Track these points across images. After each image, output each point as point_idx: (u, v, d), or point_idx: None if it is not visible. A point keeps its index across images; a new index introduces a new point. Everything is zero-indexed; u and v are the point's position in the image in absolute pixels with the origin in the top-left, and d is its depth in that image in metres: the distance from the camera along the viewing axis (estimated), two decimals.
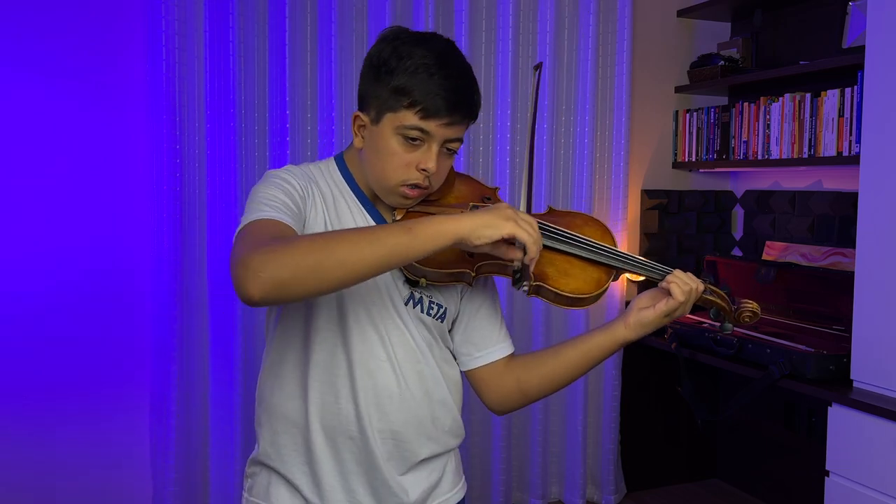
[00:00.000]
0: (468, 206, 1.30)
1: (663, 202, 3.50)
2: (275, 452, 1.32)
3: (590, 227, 1.36)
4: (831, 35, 3.01)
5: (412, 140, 1.22)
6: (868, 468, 2.30)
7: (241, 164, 2.76)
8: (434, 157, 1.23)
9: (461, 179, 1.38)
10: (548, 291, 1.28)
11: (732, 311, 1.38)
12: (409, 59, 1.20)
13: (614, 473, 3.37)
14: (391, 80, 1.20)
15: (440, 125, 1.21)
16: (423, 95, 1.19)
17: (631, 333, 1.33)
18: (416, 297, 1.30)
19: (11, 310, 2.58)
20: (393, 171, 1.23)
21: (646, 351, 3.43)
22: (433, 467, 1.36)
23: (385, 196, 1.28)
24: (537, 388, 1.38)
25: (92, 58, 2.63)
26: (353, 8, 2.84)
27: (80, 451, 2.69)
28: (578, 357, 1.35)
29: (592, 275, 1.30)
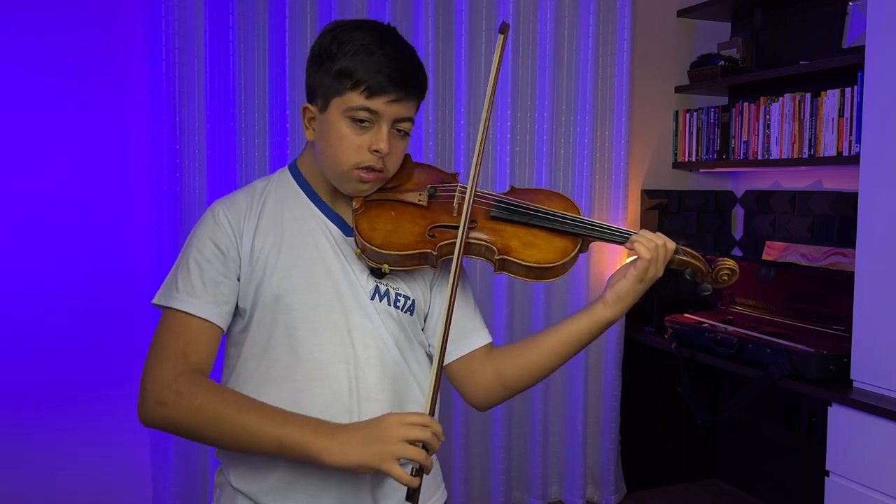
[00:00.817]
0: (425, 189, 1.30)
1: (663, 202, 3.50)
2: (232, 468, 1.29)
3: (553, 201, 1.36)
4: (831, 35, 3.01)
5: (360, 122, 1.22)
6: (868, 468, 2.30)
7: (241, 164, 2.76)
8: (385, 136, 1.23)
9: (420, 167, 1.38)
10: (512, 264, 1.27)
11: (709, 271, 1.35)
12: (349, 42, 1.21)
13: (614, 473, 3.37)
14: (333, 65, 1.21)
15: (386, 102, 1.21)
16: (366, 74, 1.20)
17: (610, 310, 1.29)
18: (382, 290, 1.28)
19: (11, 310, 2.58)
20: (345, 155, 1.23)
21: (646, 351, 3.43)
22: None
23: (341, 184, 1.27)
24: (518, 378, 1.33)
25: (92, 58, 2.63)
26: (353, 8, 2.84)
27: (80, 450, 2.69)
28: (559, 343, 1.31)
29: (557, 244, 1.30)
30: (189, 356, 1.21)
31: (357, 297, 1.27)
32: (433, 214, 1.30)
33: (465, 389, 1.37)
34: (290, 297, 1.25)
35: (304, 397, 1.24)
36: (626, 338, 3.37)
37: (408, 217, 1.29)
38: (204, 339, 1.23)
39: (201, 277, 1.24)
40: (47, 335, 2.63)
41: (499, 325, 3.09)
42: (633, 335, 3.38)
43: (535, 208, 1.31)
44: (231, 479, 1.29)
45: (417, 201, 1.30)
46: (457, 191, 1.33)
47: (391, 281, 1.29)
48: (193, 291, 1.23)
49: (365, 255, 1.26)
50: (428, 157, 2.96)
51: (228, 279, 1.26)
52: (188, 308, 1.23)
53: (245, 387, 1.27)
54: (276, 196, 1.31)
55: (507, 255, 1.27)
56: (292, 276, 1.25)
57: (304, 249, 1.27)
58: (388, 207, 1.30)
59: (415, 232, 1.26)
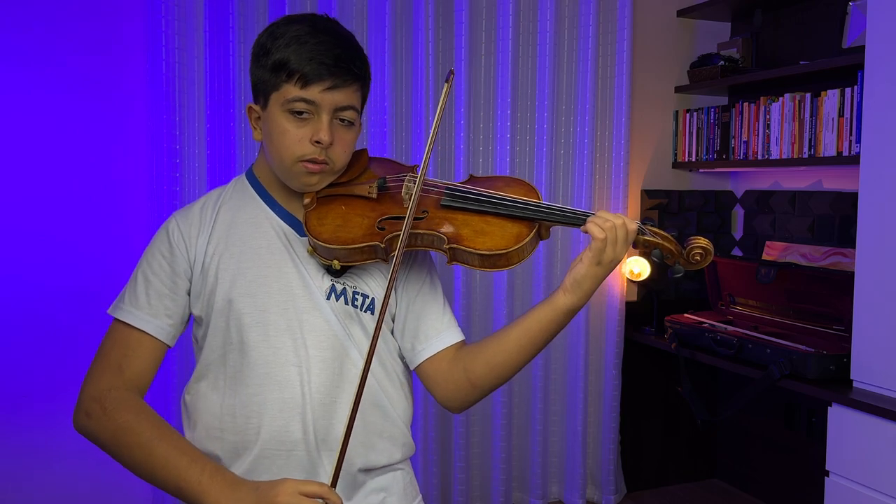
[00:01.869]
0: (375, 182, 1.28)
1: (663, 202, 3.50)
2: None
3: (512, 187, 1.29)
4: (831, 35, 3.01)
5: (299, 114, 1.20)
6: (868, 468, 2.30)
7: (241, 164, 2.76)
8: (326, 127, 1.20)
9: (377, 161, 1.35)
10: (464, 252, 1.21)
11: (680, 251, 1.24)
12: (283, 36, 1.20)
13: (614, 473, 3.37)
14: (268, 59, 1.20)
15: (323, 91, 1.19)
16: (299, 63, 1.18)
17: (570, 296, 1.20)
18: (339, 289, 1.25)
19: (11, 310, 2.58)
20: (287, 149, 1.21)
21: (646, 351, 3.43)
22: (371, 487, 1.27)
23: (289, 180, 1.25)
24: (485, 376, 1.26)
25: (92, 58, 2.63)
26: (352, 8, 2.84)
27: (79, 450, 2.69)
28: (523, 335, 1.23)
29: (511, 230, 1.22)
30: (125, 369, 1.23)
31: (311, 297, 1.24)
32: (383, 207, 1.26)
33: (436, 390, 1.31)
34: (240, 301, 1.24)
35: (257, 403, 1.23)
36: (626, 338, 3.37)
37: (357, 210, 1.26)
38: (142, 352, 1.25)
39: (146, 291, 1.26)
40: (47, 335, 2.63)
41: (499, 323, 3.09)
42: (633, 335, 3.38)
43: (486, 194, 1.25)
44: None
45: (367, 194, 1.27)
46: (405, 180, 1.29)
47: (348, 279, 1.26)
48: (137, 304, 1.25)
49: (316, 252, 1.23)
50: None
51: (175, 294, 1.26)
52: (130, 320, 1.25)
53: (213, 393, 1.26)
54: (231, 203, 1.31)
55: (458, 243, 1.21)
56: (243, 279, 1.24)
57: (257, 252, 1.26)
58: (339, 202, 1.27)
59: (363, 225, 1.23)
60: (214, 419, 1.25)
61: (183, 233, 1.28)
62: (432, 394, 1.32)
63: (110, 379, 1.22)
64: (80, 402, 1.22)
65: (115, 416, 1.18)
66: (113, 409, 1.18)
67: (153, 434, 1.17)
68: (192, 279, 1.27)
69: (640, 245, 1.25)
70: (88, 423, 1.20)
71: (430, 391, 1.32)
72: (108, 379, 1.22)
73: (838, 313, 2.75)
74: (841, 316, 2.72)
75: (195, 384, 1.29)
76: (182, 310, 1.28)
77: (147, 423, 1.18)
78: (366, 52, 1.28)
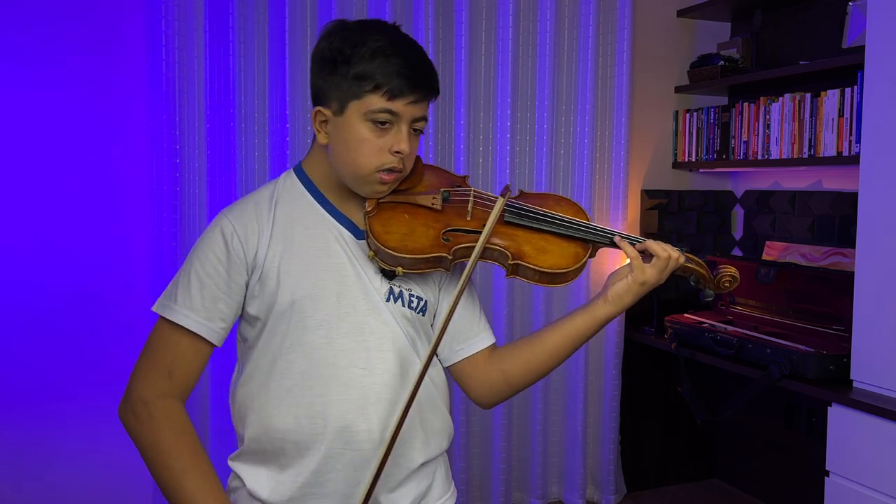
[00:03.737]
0: (439, 192, 1.31)
1: (663, 202, 3.50)
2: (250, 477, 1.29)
3: (562, 205, 1.37)
4: (831, 35, 3.01)
5: (381, 124, 1.21)
6: (868, 468, 2.30)
7: (241, 164, 2.76)
8: (405, 137, 1.23)
9: (430, 169, 1.39)
10: (526, 269, 1.29)
11: (712, 277, 1.39)
12: (363, 45, 1.21)
13: (614, 473, 3.37)
14: (349, 69, 1.20)
15: (406, 104, 1.22)
16: (386, 77, 1.20)
17: (611, 308, 1.32)
18: (396, 292, 1.28)
19: (11, 310, 2.58)
20: (366, 158, 1.22)
21: (646, 351, 3.43)
22: (423, 475, 1.33)
23: (360, 187, 1.27)
24: (522, 377, 1.35)
25: (92, 58, 2.63)
26: (353, 8, 2.84)
27: (80, 450, 2.69)
28: (560, 341, 1.33)
29: (569, 250, 1.32)
30: (174, 375, 1.25)
31: (371, 301, 1.27)
32: (447, 218, 1.30)
33: (470, 389, 1.38)
34: (303, 304, 1.24)
35: (322, 404, 1.24)
36: (626, 338, 3.37)
37: (421, 220, 1.29)
38: (192, 357, 1.26)
39: (201, 293, 1.24)
40: (46, 335, 2.63)
41: (499, 325, 3.09)
42: (633, 335, 3.38)
43: (548, 214, 1.33)
44: (248, 486, 1.29)
45: (431, 204, 1.30)
46: (470, 194, 1.33)
47: (403, 282, 1.30)
48: (191, 305, 1.24)
49: (378, 257, 1.25)
50: (428, 157, 2.96)
51: (229, 297, 1.26)
52: (183, 322, 1.24)
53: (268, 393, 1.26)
54: (285, 202, 1.30)
55: (521, 260, 1.29)
56: (306, 282, 1.25)
57: (317, 255, 1.27)
58: (402, 210, 1.29)
59: (429, 236, 1.26)
60: (273, 420, 1.26)
61: (240, 235, 1.26)
62: (466, 391, 1.40)
63: (160, 384, 1.24)
64: (129, 398, 1.25)
65: (157, 431, 1.22)
66: (158, 420, 1.23)
67: (188, 464, 1.22)
68: (250, 282, 1.27)
69: (680, 270, 1.37)
70: (133, 424, 1.24)
71: (464, 388, 1.40)
72: (158, 384, 1.24)
73: (838, 313, 2.75)
74: (841, 316, 2.72)
75: (247, 384, 1.29)
76: (235, 312, 1.28)
77: (185, 450, 1.23)
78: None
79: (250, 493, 1.29)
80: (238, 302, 1.27)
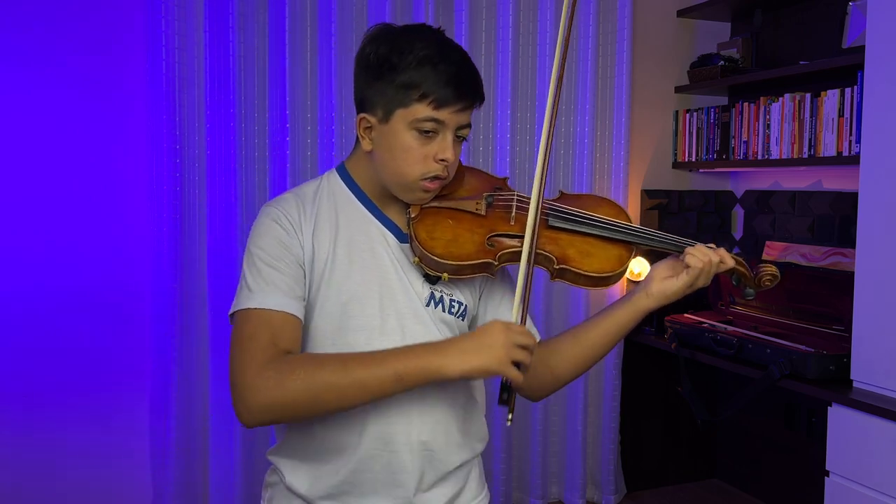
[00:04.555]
0: (482, 197, 1.30)
1: (663, 202, 3.50)
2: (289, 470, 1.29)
3: (604, 207, 1.36)
4: (831, 35, 3.01)
5: (426, 132, 1.21)
6: (868, 468, 2.30)
7: (241, 164, 2.76)
8: (450, 146, 1.23)
9: (470, 172, 1.38)
10: (571, 273, 1.29)
11: (752, 276, 1.38)
12: (410, 52, 1.19)
13: (614, 473, 3.37)
14: (396, 77, 1.19)
15: (453, 112, 1.21)
16: (433, 86, 1.19)
17: (653, 303, 1.34)
18: (437, 297, 1.28)
19: (11, 311, 2.58)
20: (411, 166, 1.22)
21: (646, 351, 3.43)
22: (458, 477, 1.33)
23: (404, 194, 1.26)
24: (569, 371, 1.37)
25: (92, 58, 2.63)
26: (353, 8, 2.84)
27: (80, 450, 2.69)
28: (602, 335, 1.35)
29: (613, 253, 1.31)
30: (278, 344, 1.17)
31: (412, 305, 1.26)
32: (491, 223, 1.29)
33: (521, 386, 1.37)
34: (349, 305, 1.24)
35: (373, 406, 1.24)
36: (626, 338, 3.37)
37: (465, 226, 1.28)
38: (290, 329, 1.20)
39: (272, 276, 1.21)
40: (47, 335, 2.62)
41: None
42: (633, 335, 3.37)
43: (591, 217, 1.32)
44: (286, 480, 1.29)
45: (475, 210, 1.29)
46: (514, 199, 1.32)
47: (445, 287, 1.29)
48: (268, 288, 1.20)
49: (423, 263, 1.24)
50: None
51: (298, 273, 1.24)
52: (267, 304, 1.19)
53: None
54: (329, 199, 1.30)
55: (566, 264, 1.28)
56: (351, 282, 1.25)
57: (361, 256, 1.26)
58: (446, 215, 1.28)
59: (474, 241, 1.25)
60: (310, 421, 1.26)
61: (290, 219, 1.25)
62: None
63: (266, 354, 1.15)
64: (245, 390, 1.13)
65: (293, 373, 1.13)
66: (287, 368, 1.13)
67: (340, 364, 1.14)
68: (304, 262, 1.25)
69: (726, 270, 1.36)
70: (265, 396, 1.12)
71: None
72: (264, 355, 1.15)
73: (838, 313, 2.75)
74: (841, 316, 2.72)
75: None
76: (305, 289, 1.25)
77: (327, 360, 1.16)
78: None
79: (288, 488, 1.29)
80: (303, 279, 1.25)
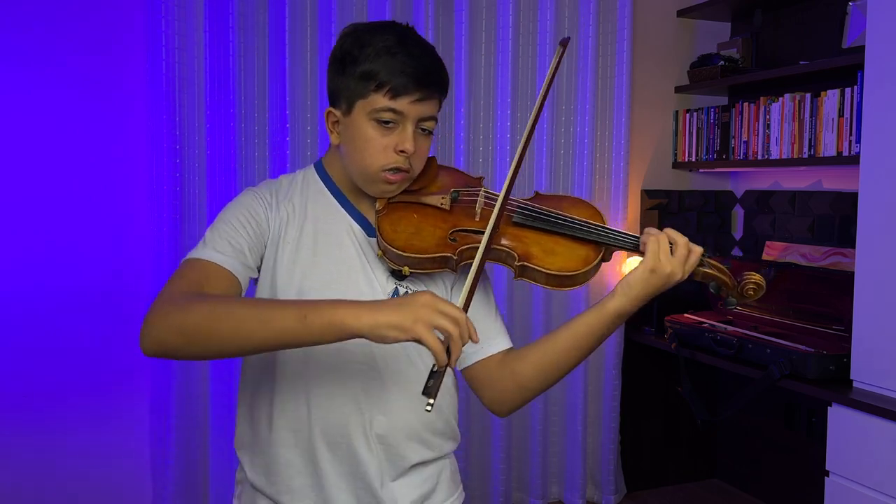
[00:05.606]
0: (448, 193, 1.30)
1: (663, 202, 3.50)
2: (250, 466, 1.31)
3: (578, 208, 1.34)
4: (831, 35, 3.01)
5: (386, 123, 1.22)
6: (868, 468, 2.30)
7: (241, 164, 2.76)
8: (410, 136, 1.23)
9: (445, 170, 1.38)
10: (532, 271, 1.26)
11: (735, 284, 1.31)
12: (370, 45, 1.21)
13: (614, 473, 3.37)
14: (356, 68, 1.21)
15: (411, 102, 1.21)
16: (389, 75, 1.20)
17: (619, 300, 1.23)
18: (401, 293, 1.28)
19: (11, 311, 2.58)
20: (372, 157, 1.23)
21: (646, 351, 3.43)
22: (426, 475, 1.32)
23: (368, 186, 1.27)
24: (533, 378, 1.29)
25: (92, 58, 2.63)
26: (353, 8, 2.84)
27: (80, 451, 2.69)
28: (571, 340, 1.26)
29: (579, 252, 1.28)
30: (206, 290, 1.16)
31: (375, 298, 1.26)
32: (455, 218, 1.29)
33: (482, 393, 1.35)
34: (311, 294, 1.25)
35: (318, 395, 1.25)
36: (626, 338, 3.37)
37: (430, 220, 1.28)
38: (224, 282, 1.19)
39: (229, 235, 1.23)
40: (47, 335, 2.62)
41: None
42: (633, 335, 3.38)
43: (558, 215, 1.30)
44: (249, 477, 1.31)
45: (440, 205, 1.30)
46: (479, 195, 1.32)
47: (411, 283, 1.29)
48: (219, 245, 1.22)
49: (386, 256, 1.25)
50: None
51: (254, 251, 1.25)
52: (213, 258, 1.20)
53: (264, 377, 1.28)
54: (303, 190, 1.32)
55: (528, 261, 1.25)
56: (315, 272, 1.26)
57: (328, 246, 1.28)
58: (411, 210, 1.29)
59: (436, 235, 1.26)
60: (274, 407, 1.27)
61: (264, 199, 1.28)
62: (479, 396, 1.36)
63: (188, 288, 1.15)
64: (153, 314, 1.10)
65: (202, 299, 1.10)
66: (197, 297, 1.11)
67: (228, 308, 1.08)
68: (269, 240, 1.26)
69: (700, 276, 1.30)
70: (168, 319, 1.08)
71: (478, 393, 1.36)
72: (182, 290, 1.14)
73: (838, 313, 2.75)
74: (841, 316, 2.72)
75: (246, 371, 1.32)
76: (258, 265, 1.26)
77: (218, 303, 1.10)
78: None
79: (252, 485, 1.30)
80: (261, 255, 1.26)
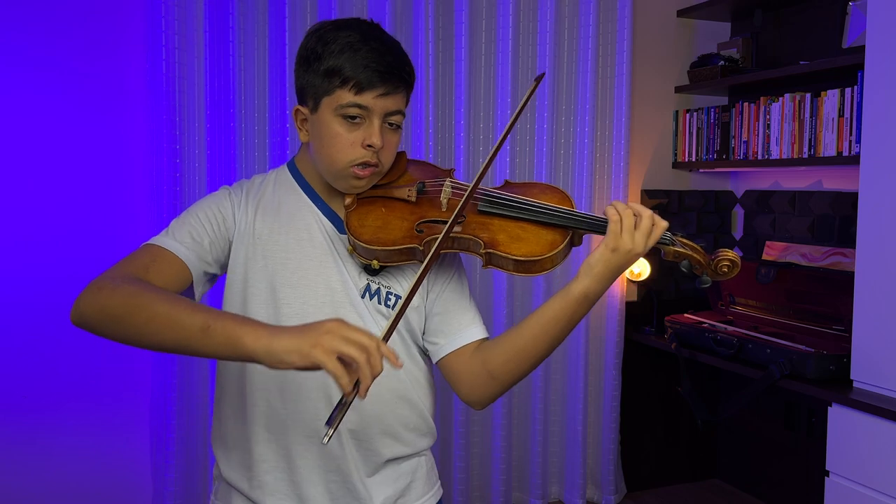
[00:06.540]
0: (415, 185, 1.31)
1: (663, 202, 3.50)
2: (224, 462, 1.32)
3: (547, 194, 1.33)
4: (831, 35, 3.01)
5: (352, 118, 1.23)
6: (868, 468, 2.30)
7: (241, 164, 2.76)
8: (377, 131, 1.23)
9: (415, 164, 1.39)
10: (499, 258, 1.25)
11: (708, 262, 1.27)
12: (335, 42, 1.22)
13: (614, 473, 3.37)
14: (321, 65, 1.22)
15: (376, 97, 1.22)
16: (353, 70, 1.20)
17: (583, 281, 1.21)
18: (373, 289, 1.29)
19: (10, 311, 2.58)
20: (339, 153, 1.24)
21: (646, 351, 3.43)
22: (401, 472, 1.33)
23: (338, 182, 1.28)
24: (503, 367, 1.27)
25: (92, 58, 2.63)
26: (353, 8, 2.84)
27: (80, 451, 2.69)
28: (537, 326, 1.24)
29: (545, 237, 1.27)
30: (149, 273, 1.18)
31: (348, 294, 1.27)
32: (422, 210, 1.30)
33: (457, 384, 1.34)
34: (282, 291, 1.26)
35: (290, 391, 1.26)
36: (626, 338, 3.37)
37: (397, 213, 1.29)
38: (173, 270, 1.22)
39: (191, 231, 1.26)
40: (46, 335, 2.63)
41: (499, 324, 3.09)
42: (633, 335, 3.38)
43: (522, 201, 1.29)
44: (224, 474, 1.32)
45: (406, 197, 1.30)
46: (444, 185, 1.32)
47: (384, 279, 1.30)
48: (177, 237, 1.25)
49: (356, 251, 1.26)
50: (427, 156, 2.96)
51: (215, 245, 1.28)
52: (167, 245, 1.24)
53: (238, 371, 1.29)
54: (275, 188, 1.34)
55: (494, 248, 1.25)
56: (287, 268, 1.27)
57: (300, 243, 1.29)
58: (379, 204, 1.31)
59: (403, 228, 1.26)
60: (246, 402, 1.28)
61: (235, 197, 1.32)
62: (454, 388, 1.35)
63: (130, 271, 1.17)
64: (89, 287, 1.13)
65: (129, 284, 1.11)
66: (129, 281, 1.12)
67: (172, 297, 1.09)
68: (236, 237, 1.29)
69: (671, 255, 1.28)
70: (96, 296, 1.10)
71: (452, 386, 1.35)
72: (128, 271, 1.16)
73: (838, 313, 2.75)
74: (841, 316, 2.72)
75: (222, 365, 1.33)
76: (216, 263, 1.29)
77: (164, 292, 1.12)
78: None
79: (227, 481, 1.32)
80: (223, 255, 1.29)
